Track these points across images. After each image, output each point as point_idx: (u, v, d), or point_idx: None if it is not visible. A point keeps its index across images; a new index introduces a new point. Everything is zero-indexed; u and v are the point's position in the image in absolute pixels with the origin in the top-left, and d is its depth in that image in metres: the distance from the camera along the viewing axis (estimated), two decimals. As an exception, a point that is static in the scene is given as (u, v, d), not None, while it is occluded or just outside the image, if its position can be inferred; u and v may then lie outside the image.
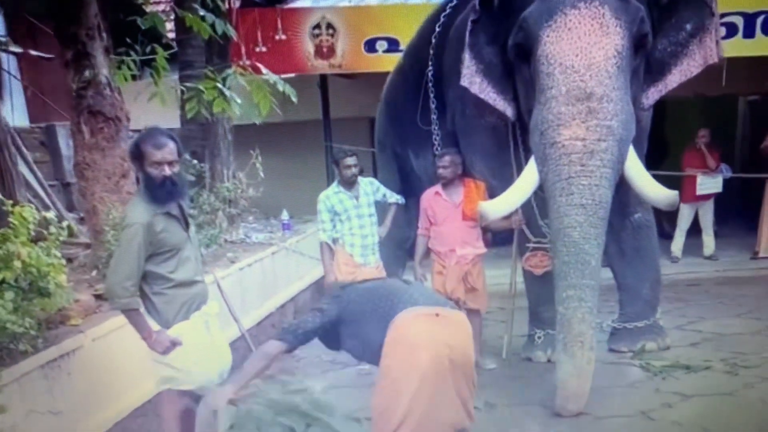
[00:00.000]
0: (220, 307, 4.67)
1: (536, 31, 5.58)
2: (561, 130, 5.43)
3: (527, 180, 5.88)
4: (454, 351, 3.68)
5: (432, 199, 6.70)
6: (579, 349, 5.34)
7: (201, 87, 6.93)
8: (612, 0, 5.44)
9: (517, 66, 6.05)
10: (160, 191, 4.21)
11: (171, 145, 4.25)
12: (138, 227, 4.08)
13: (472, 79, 6.13)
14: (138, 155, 4.23)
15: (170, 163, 4.23)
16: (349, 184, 6.69)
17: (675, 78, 6.04)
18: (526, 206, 6.28)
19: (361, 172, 6.83)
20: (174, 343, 4.20)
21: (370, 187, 6.84)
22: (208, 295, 4.58)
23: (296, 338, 3.93)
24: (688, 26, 5.97)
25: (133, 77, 7.41)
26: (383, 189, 6.98)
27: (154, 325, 4.24)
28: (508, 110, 6.24)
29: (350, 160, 6.66)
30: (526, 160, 6.27)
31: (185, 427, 4.41)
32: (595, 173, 5.36)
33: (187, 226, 4.46)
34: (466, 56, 6.10)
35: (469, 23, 6.09)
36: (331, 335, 4.05)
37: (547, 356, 6.71)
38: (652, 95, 6.13)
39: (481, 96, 6.17)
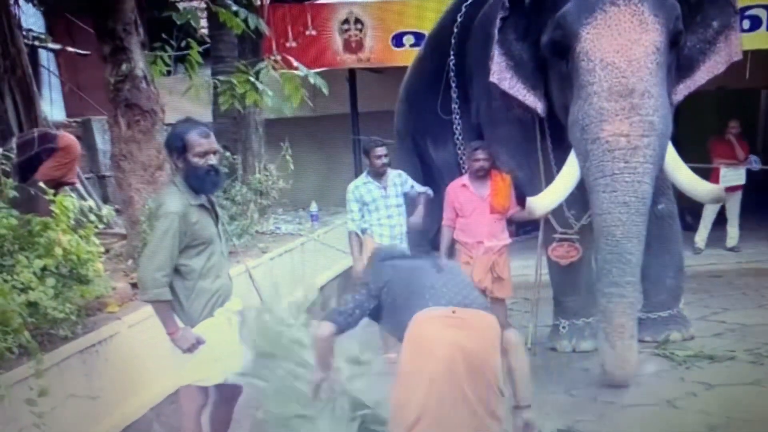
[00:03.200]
0: (242, 303, 4.60)
1: (575, 29, 5.55)
2: (604, 126, 5.41)
3: (569, 174, 5.87)
4: (469, 354, 3.56)
5: (459, 191, 6.65)
6: (619, 339, 5.44)
7: (234, 80, 6.95)
8: None
9: (551, 62, 6.02)
10: (206, 181, 4.14)
11: (212, 135, 4.21)
12: (174, 217, 3.97)
13: (502, 75, 6.11)
14: (181, 146, 4.10)
15: (215, 153, 4.19)
16: (379, 174, 6.67)
17: (703, 75, 6.05)
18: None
19: (389, 165, 6.81)
20: (198, 342, 4.09)
21: (399, 179, 6.80)
22: (232, 290, 4.47)
23: (346, 319, 3.84)
24: (715, 23, 5.96)
25: (168, 72, 7.46)
26: (411, 181, 6.94)
27: (179, 322, 4.13)
28: (539, 106, 6.22)
29: (381, 150, 6.64)
30: (554, 153, 6.28)
31: (208, 423, 4.42)
32: (638, 170, 5.35)
33: (217, 220, 4.37)
34: (495, 52, 6.08)
35: (498, 20, 6.06)
36: (375, 311, 3.95)
37: (571, 345, 6.68)
38: (680, 91, 6.12)
39: (511, 92, 6.15)
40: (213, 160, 4.16)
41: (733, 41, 5.92)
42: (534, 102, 6.21)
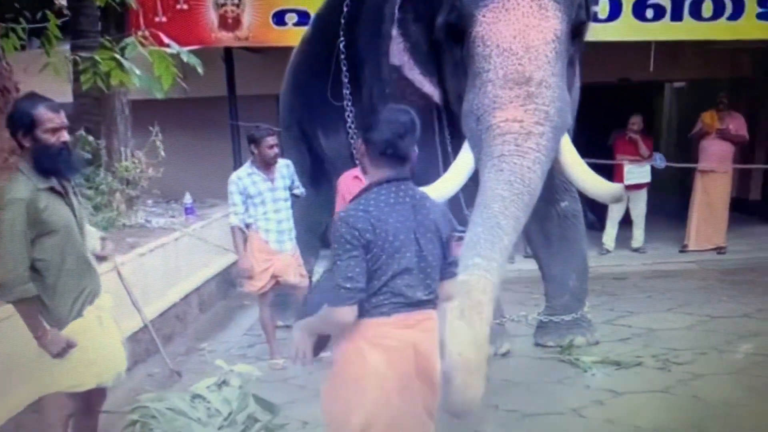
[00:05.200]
0: (113, 301, 4.50)
1: (472, 11, 5.49)
2: (497, 113, 5.34)
3: (462, 165, 5.78)
4: (421, 355, 3.57)
5: (351, 183, 6.60)
6: (478, 319, 4.67)
7: (97, 57, 6.78)
8: None
9: (446, 47, 5.96)
10: (59, 161, 4.01)
11: (62, 111, 4.07)
12: (20, 204, 3.85)
13: (401, 57, 6.09)
14: (29, 122, 3.93)
15: (67, 129, 4.07)
16: (267, 165, 6.63)
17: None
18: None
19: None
20: (69, 345, 3.99)
21: (287, 170, 6.79)
22: (101, 286, 4.37)
23: (361, 291, 3.41)
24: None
25: (23, 47, 7.24)
26: (295, 176, 6.93)
27: (45, 325, 4.02)
28: (436, 94, 6.21)
29: (272, 140, 6.62)
30: (452, 144, 6.27)
31: None
32: (529, 155, 5.20)
33: (73, 207, 4.22)
34: (395, 32, 6.06)
35: None
36: None
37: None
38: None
39: (410, 77, 6.13)
40: (65, 137, 4.04)
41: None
42: (431, 89, 6.19)
